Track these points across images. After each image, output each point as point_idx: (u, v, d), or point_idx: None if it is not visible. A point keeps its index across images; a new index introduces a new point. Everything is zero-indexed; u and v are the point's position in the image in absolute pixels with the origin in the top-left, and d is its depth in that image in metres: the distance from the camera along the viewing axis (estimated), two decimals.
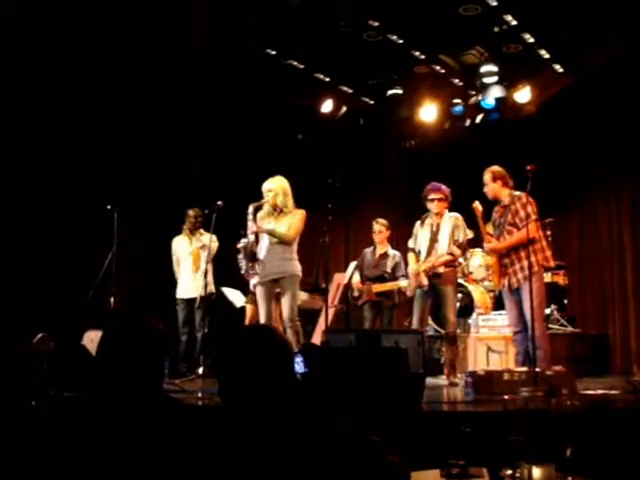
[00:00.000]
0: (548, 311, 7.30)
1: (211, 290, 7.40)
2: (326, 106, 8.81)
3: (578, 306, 8.46)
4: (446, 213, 6.46)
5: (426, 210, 6.54)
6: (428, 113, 8.76)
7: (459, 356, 6.64)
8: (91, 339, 5.49)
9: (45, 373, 4.21)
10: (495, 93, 8.25)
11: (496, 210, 6.14)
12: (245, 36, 7.14)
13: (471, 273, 7.93)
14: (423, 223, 6.55)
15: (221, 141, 8.74)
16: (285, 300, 6.18)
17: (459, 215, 6.46)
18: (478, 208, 6.06)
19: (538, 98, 8.19)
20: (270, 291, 6.29)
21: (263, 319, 6.25)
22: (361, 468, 1.84)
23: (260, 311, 6.34)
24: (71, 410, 2.12)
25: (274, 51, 7.59)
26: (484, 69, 8.01)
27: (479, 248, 7.64)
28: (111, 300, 6.64)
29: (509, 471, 2.47)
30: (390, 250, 7.54)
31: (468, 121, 8.82)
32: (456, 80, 8.40)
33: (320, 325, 7.51)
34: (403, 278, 7.14)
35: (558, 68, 7.90)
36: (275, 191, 6.25)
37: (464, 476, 2.47)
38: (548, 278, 7.38)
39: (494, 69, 7.98)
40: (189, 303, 7.49)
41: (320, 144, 9.24)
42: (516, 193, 5.97)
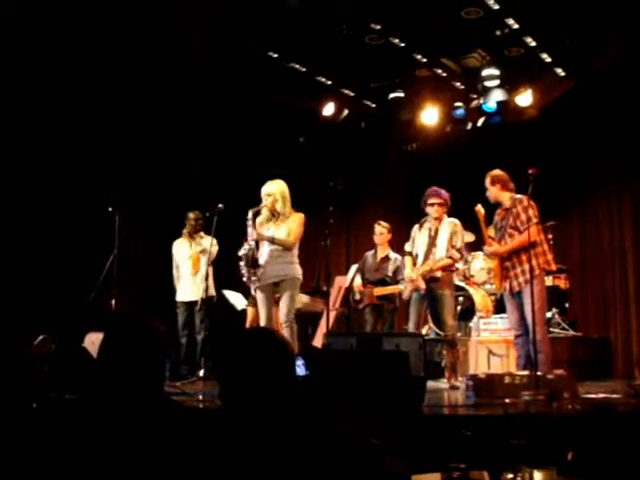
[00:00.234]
0: (549, 315, 7.29)
1: (211, 293, 7.39)
2: (328, 109, 8.81)
3: (579, 310, 8.45)
4: (445, 218, 6.46)
5: (426, 214, 6.54)
6: (430, 116, 8.77)
7: (460, 359, 6.64)
8: (92, 341, 5.49)
9: (46, 375, 4.21)
10: (497, 96, 8.26)
11: (498, 213, 6.14)
12: (247, 39, 7.15)
13: (472, 276, 7.93)
14: (421, 227, 6.56)
15: (222, 144, 8.74)
16: (283, 301, 6.16)
17: (458, 221, 6.47)
18: (480, 211, 6.06)
19: (540, 102, 8.19)
20: (270, 294, 6.28)
21: (264, 322, 6.23)
22: (362, 471, 1.84)
23: (261, 314, 6.32)
24: (72, 412, 2.12)
25: (276, 54, 7.59)
26: (486, 72, 8.02)
27: (481, 251, 7.64)
28: (112, 302, 6.63)
29: (510, 475, 2.47)
30: (391, 253, 7.54)
31: (470, 124, 8.82)
32: (458, 83, 8.40)
33: (321, 328, 7.50)
34: (404, 281, 7.14)
35: (560, 72, 7.90)
36: (274, 195, 6.23)
37: None
38: (549, 282, 7.37)
39: (496, 72, 7.99)
40: (189, 306, 7.49)
41: (322, 147, 9.24)
42: (517, 196, 5.97)
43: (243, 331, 5.30)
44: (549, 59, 7.65)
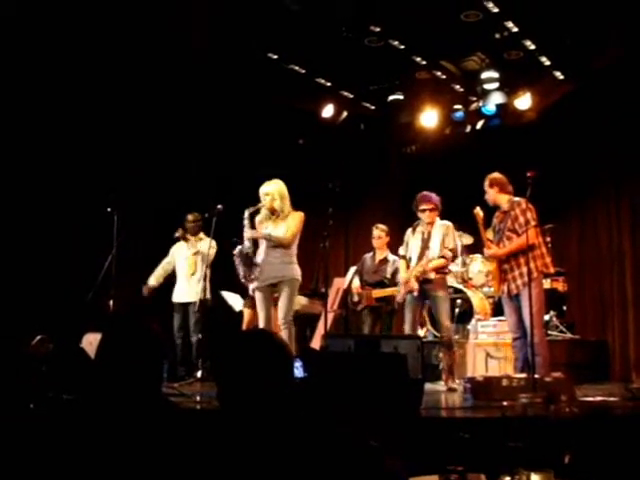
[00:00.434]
0: (547, 317, 7.29)
1: (207, 295, 7.35)
2: (327, 111, 8.81)
3: (577, 313, 8.45)
4: (437, 221, 6.53)
5: (419, 218, 6.58)
6: (429, 119, 8.77)
7: (457, 361, 6.64)
8: (90, 342, 5.49)
9: (44, 375, 4.20)
10: (496, 99, 8.27)
11: (496, 216, 6.15)
12: (247, 39, 7.15)
13: (471, 279, 7.93)
14: (414, 231, 6.61)
15: (222, 145, 8.74)
16: (282, 302, 6.13)
17: (450, 223, 6.53)
18: (479, 214, 6.06)
19: (539, 105, 8.20)
20: (269, 296, 6.25)
21: (262, 324, 6.19)
22: (360, 473, 1.84)
23: (259, 316, 6.29)
24: (70, 413, 2.11)
25: (275, 55, 7.60)
26: (485, 75, 8.03)
27: (479, 254, 7.64)
28: (110, 303, 6.64)
29: (507, 478, 2.47)
30: (390, 255, 7.54)
31: (469, 127, 8.82)
32: (457, 86, 8.41)
33: (319, 330, 7.50)
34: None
35: (559, 75, 7.91)
36: (272, 195, 6.21)
37: None
38: (547, 284, 7.37)
39: (495, 75, 8.00)
40: (184, 307, 7.49)
41: (321, 149, 9.24)
42: (516, 199, 5.98)
43: (241, 333, 5.30)
44: (548, 62, 7.66)
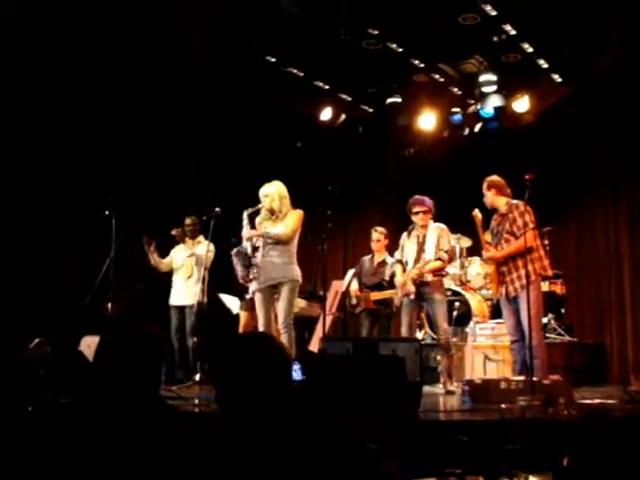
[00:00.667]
0: (545, 320, 7.29)
1: (204, 298, 7.34)
2: (325, 114, 8.82)
3: (575, 315, 8.46)
4: (431, 224, 6.54)
5: (413, 222, 6.59)
6: (427, 121, 8.78)
7: (455, 364, 6.64)
8: (88, 345, 5.48)
9: (42, 378, 4.20)
10: (494, 102, 8.28)
11: (494, 219, 6.16)
12: (245, 42, 7.15)
13: (469, 281, 7.93)
14: (410, 235, 6.62)
15: (220, 148, 8.74)
16: (282, 304, 6.06)
17: (444, 226, 6.54)
18: (477, 216, 6.07)
19: (537, 107, 8.21)
20: (269, 297, 6.18)
21: (262, 326, 6.12)
22: (358, 476, 1.83)
23: (259, 318, 6.21)
24: (67, 416, 2.11)
25: (274, 58, 7.60)
26: (483, 78, 8.03)
27: (477, 257, 7.65)
28: (108, 306, 6.63)
29: None
30: (388, 258, 7.52)
31: (467, 130, 8.83)
32: (455, 89, 8.42)
33: (318, 333, 7.50)
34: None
35: (557, 78, 7.92)
36: (272, 196, 6.17)
37: None
38: (545, 287, 7.37)
39: (493, 78, 8.01)
40: (181, 310, 7.50)
41: (319, 152, 9.24)
42: (514, 202, 5.98)
43: (240, 335, 5.29)
44: (546, 65, 7.67)
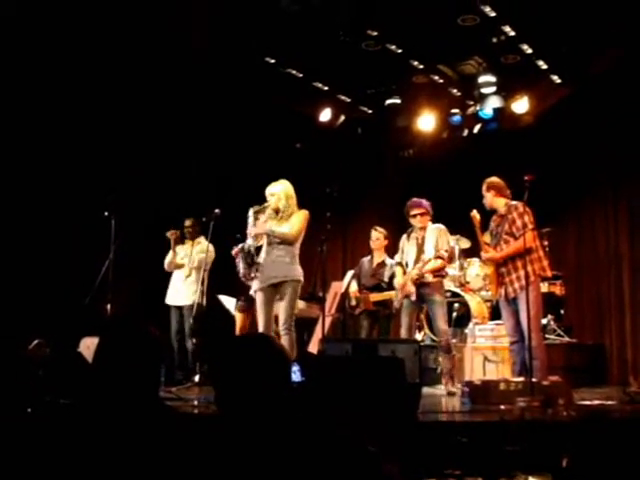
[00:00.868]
0: (545, 321, 7.29)
1: (202, 299, 7.33)
2: (324, 115, 8.82)
3: (575, 316, 8.46)
4: (430, 225, 6.56)
5: (411, 225, 6.60)
6: (426, 123, 8.78)
7: (456, 365, 6.64)
8: (87, 346, 5.48)
9: (41, 379, 4.19)
10: (493, 103, 8.28)
11: (493, 220, 6.16)
12: (245, 43, 7.15)
13: (468, 283, 7.93)
14: (409, 237, 6.65)
15: (220, 149, 8.73)
16: (283, 305, 5.95)
17: (442, 226, 6.56)
18: (476, 217, 6.07)
19: (536, 108, 8.22)
20: (270, 297, 6.03)
21: (261, 327, 6.02)
22: (358, 478, 1.83)
23: (259, 318, 6.10)
24: (67, 417, 2.11)
25: (273, 59, 7.60)
26: (482, 79, 8.04)
27: (477, 258, 7.64)
28: (108, 307, 6.63)
29: None
30: (388, 259, 7.53)
31: (466, 131, 8.84)
32: (454, 90, 8.42)
33: (317, 334, 7.49)
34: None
35: (556, 79, 7.92)
36: (278, 195, 6.10)
37: None
38: (545, 288, 7.38)
39: (492, 79, 8.02)
40: (180, 310, 7.51)
41: (318, 153, 9.24)
42: (513, 203, 5.99)
43: (239, 337, 5.29)
44: (545, 66, 7.68)
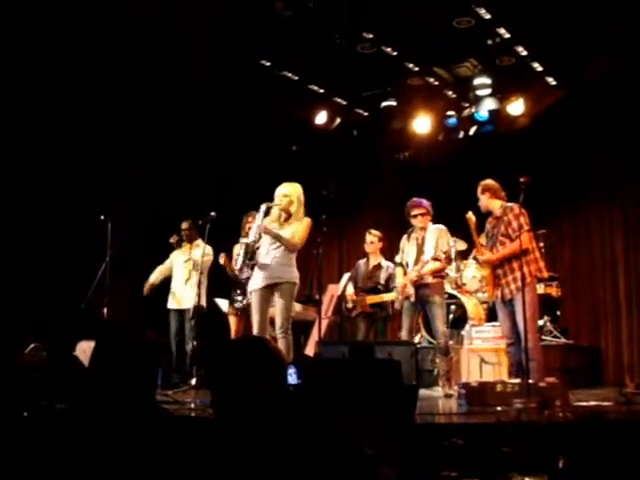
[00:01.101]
0: (541, 323, 7.30)
1: (202, 303, 7.33)
2: (320, 117, 8.83)
3: (571, 318, 8.47)
4: (430, 225, 6.55)
5: (411, 225, 6.59)
6: (422, 125, 8.80)
7: (453, 367, 6.64)
8: (84, 350, 5.46)
9: (37, 383, 4.19)
10: (488, 105, 8.30)
11: (489, 222, 6.16)
12: (242, 46, 7.15)
13: (464, 284, 7.93)
14: (409, 237, 6.63)
15: (216, 151, 8.74)
16: (279, 308, 5.92)
17: (443, 227, 6.54)
18: (471, 219, 6.08)
19: (531, 110, 8.24)
20: (266, 298, 5.98)
21: (256, 328, 5.99)
22: None
23: (254, 319, 6.06)
24: (63, 421, 2.11)
25: (268, 62, 7.61)
26: (477, 81, 8.06)
27: (473, 260, 7.65)
28: (104, 311, 6.62)
29: None
30: (384, 261, 7.54)
31: (462, 133, 8.85)
32: (450, 92, 8.44)
33: (313, 336, 7.49)
34: (396, 290, 7.12)
35: (551, 81, 7.95)
36: (291, 197, 6.04)
37: None
38: (541, 290, 7.39)
39: (487, 81, 8.03)
40: (180, 314, 7.49)
41: (314, 155, 9.25)
42: (508, 204, 5.99)
43: (235, 340, 5.28)
44: (540, 68, 7.70)
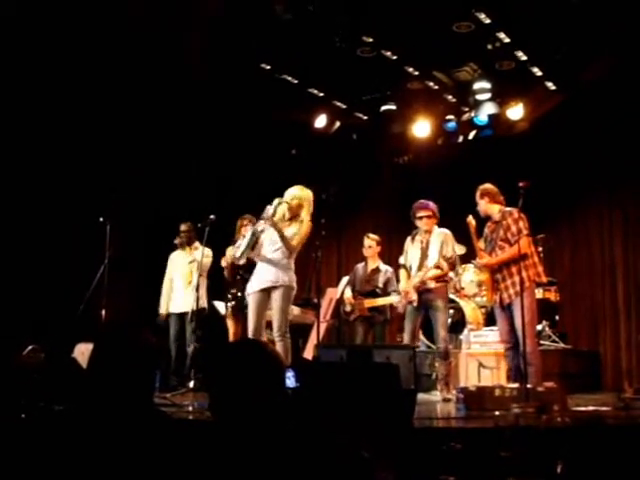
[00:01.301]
0: (540, 327, 7.30)
1: (202, 305, 7.34)
2: (320, 121, 8.84)
3: (569, 322, 8.47)
4: (435, 229, 6.48)
5: (417, 227, 6.56)
6: (421, 129, 8.80)
7: (451, 372, 6.63)
8: (82, 352, 5.47)
9: (35, 385, 4.19)
10: (488, 110, 8.31)
11: (488, 226, 6.16)
12: (242, 50, 7.15)
13: (463, 289, 7.92)
14: (413, 239, 6.58)
15: (215, 154, 8.74)
16: (276, 312, 5.90)
17: (448, 231, 6.48)
18: (471, 223, 6.07)
19: (530, 115, 8.25)
20: (262, 301, 5.97)
21: (251, 331, 5.96)
22: None
23: (249, 321, 6.03)
24: (61, 423, 2.10)
25: (268, 66, 7.62)
26: (477, 86, 8.07)
27: (471, 264, 7.65)
28: (102, 313, 6.61)
29: None
30: (382, 265, 7.54)
31: (461, 137, 8.86)
32: (449, 96, 8.45)
33: (312, 340, 7.49)
34: (395, 293, 7.12)
35: (550, 85, 7.96)
36: (301, 200, 6.05)
37: None
38: (540, 294, 7.38)
39: (487, 86, 8.05)
40: (181, 317, 7.47)
41: (313, 159, 9.25)
42: (507, 209, 5.99)
43: (233, 343, 5.28)
44: (540, 73, 7.71)
